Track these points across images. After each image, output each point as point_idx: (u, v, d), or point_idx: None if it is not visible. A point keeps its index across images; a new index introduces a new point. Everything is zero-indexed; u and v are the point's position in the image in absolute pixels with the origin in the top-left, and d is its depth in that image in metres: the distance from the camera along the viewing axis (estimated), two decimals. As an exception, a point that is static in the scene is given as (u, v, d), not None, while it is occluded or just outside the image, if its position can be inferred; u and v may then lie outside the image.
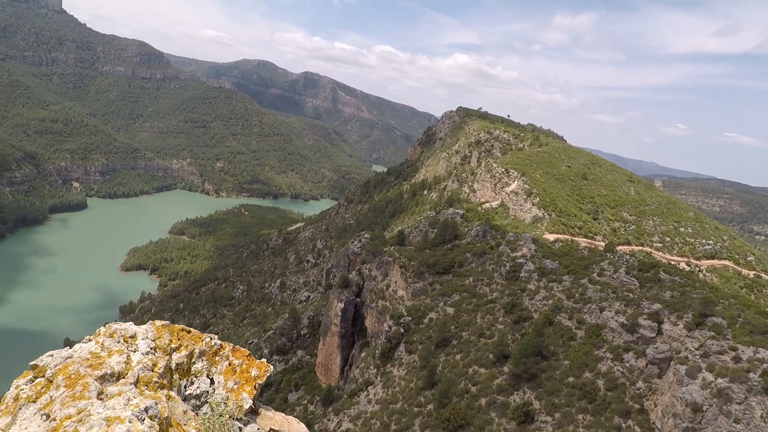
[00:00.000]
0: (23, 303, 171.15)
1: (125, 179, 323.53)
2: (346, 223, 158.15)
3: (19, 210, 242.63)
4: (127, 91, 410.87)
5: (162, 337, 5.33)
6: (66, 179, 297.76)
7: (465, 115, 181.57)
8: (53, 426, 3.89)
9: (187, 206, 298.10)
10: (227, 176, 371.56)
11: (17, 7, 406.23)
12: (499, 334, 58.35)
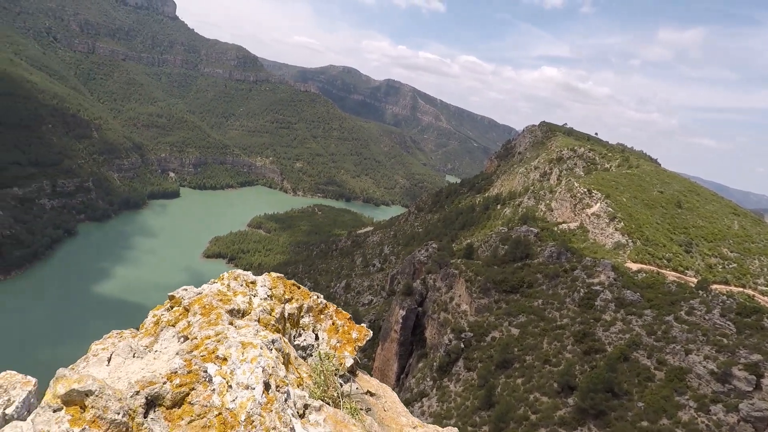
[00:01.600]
0: (125, 277, 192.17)
1: (214, 173, 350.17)
2: (414, 230, 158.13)
3: (125, 194, 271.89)
4: (222, 91, 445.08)
5: (277, 287, 5.76)
6: (164, 169, 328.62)
7: (548, 130, 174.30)
8: (195, 343, 4.41)
9: (266, 202, 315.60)
10: (305, 176, 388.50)
11: (140, 14, 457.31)
12: (566, 363, 54.83)
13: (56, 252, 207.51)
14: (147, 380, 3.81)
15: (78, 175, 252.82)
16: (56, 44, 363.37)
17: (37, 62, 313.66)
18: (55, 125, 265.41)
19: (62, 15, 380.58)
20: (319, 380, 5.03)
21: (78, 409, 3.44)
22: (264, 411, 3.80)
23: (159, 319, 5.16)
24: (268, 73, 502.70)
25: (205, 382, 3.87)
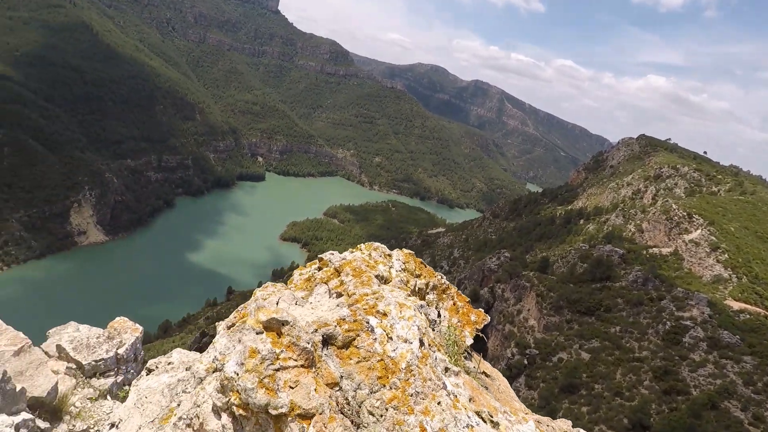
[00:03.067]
0: (215, 249, 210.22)
1: (298, 161, 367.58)
2: (487, 237, 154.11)
3: (218, 173, 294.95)
4: (313, 83, 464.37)
5: (409, 262, 6.13)
6: (254, 153, 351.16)
7: (647, 144, 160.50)
8: (355, 298, 4.90)
9: (342, 193, 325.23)
10: (382, 171, 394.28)
11: (246, 8, 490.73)
12: (641, 400, 50.47)
13: (156, 220, 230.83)
14: (322, 321, 4.45)
15: (180, 152, 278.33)
16: (173, 33, 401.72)
17: (156, 49, 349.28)
18: (166, 106, 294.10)
19: (181, 7, 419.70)
20: (451, 350, 5.32)
21: (275, 335, 4.14)
22: (420, 363, 4.23)
23: (311, 276, 5.75)
24: (357, 68, 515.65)
25: (367, 331, 4.40)
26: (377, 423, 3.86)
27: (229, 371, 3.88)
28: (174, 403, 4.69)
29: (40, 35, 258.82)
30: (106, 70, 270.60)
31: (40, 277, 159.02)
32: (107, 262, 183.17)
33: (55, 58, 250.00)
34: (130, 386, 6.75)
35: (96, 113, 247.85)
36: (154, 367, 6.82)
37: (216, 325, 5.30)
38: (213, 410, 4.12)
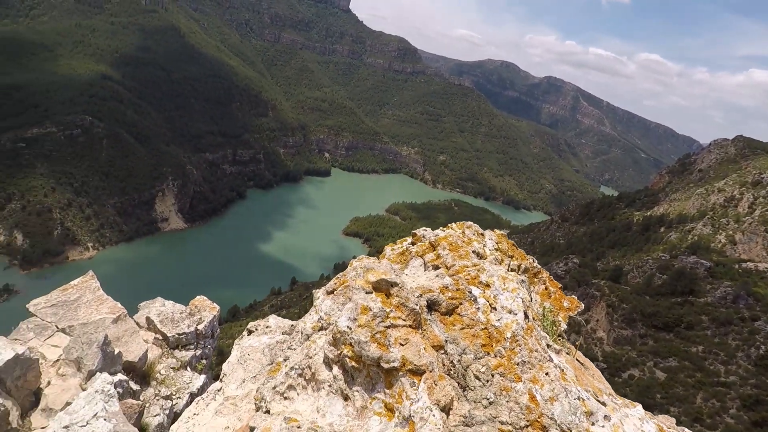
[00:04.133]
0: (283, 240, 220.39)
1: (363, 157, 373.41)
2: (555, 241, 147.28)
3: (287, 168, 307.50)
4: (380, 81, 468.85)
5: (502, 243, 6.25)
6: (321, 149, 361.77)
7: (745, 146, 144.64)
8: (455, 269, 5.04)
9: (405, 190, 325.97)
10: (446, 170, 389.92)
11: (318, 7, 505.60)
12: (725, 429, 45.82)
13: (229, 210, 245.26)
14: (426, 287, 4.64)
15: (253, 147, 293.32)
16: (251, 34, 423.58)
17: (235, 49, 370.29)
18: (242, 103, 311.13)
19: (258, 9, 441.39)
20: (549, 330, 5.29)
21: (383, 296, 4.34)
22: (526, 335, 4.32)
23: (405, 250, 5.97)
24: (424, 65, 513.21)
25: (470, 301, 4.55)
26: (484, 387, 3.99)
27: (342, 326, 4.14)
28: (280, 358, 5.22)
29: (136, 38, 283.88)
30: (191, 69, 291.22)
31: (129, 258, 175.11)
32: (185, 247, 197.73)
33: (148, 59, 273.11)
34: (234, 345, 7.33)
35: (180, 110, 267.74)
36: (254, 329, 7.47)
37: (314, 291, 5.81)
38: (324, 362, 4.41)
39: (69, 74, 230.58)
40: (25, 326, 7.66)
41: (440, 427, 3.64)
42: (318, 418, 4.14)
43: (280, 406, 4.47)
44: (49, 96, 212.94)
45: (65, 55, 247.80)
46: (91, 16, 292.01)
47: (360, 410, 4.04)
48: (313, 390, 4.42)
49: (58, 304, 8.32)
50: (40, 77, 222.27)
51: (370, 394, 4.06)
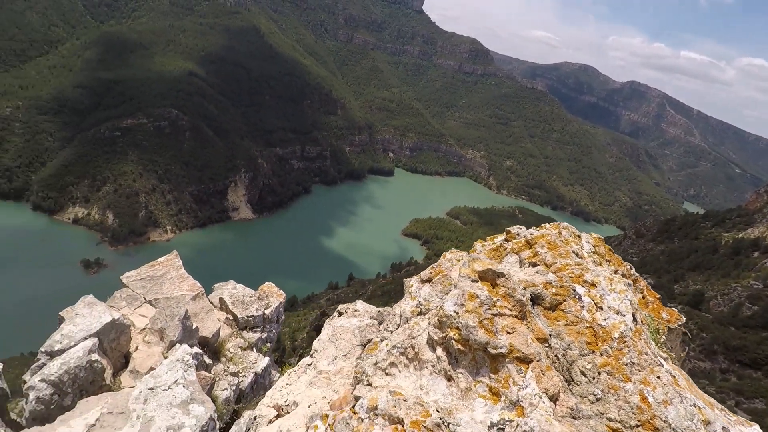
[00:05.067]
0: (345, 236, 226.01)
1: (426, 159, 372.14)
2: (628, 258, 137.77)
3: (351, 166, 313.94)
4: (450, 82, 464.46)
5: (599, 246, 6.18)
6: (385, 149, 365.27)
7: None
8: (557, 267, 5.10)
9: (468, 194, 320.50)
10: (513, 176, 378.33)
11: (392, 8, 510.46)
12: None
13: (295, 204, 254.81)
14: (530, 282, 4.78)
15: (320, 144, 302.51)
16: (325, 34, 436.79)
17: (309, 49, 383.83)
18: (313, 101, 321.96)
19: (334, 10, 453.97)
20: (653, 337, 5.17)
21: (489, 285, 4.47)
22: (634, 336, 4.30)
23: (500, 246, 6.08)
24: (496, 67, 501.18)
25: (574, 298, 4.62)
26: (590, 383, 4.06)
27: (448, 310, 4.29)
28: (376, 338, 5.58)
29: (221, 38, 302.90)
30: (268, 67, 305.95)
31: (202, 242, 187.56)
32: (252, 236, 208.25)
33: (230, 57, 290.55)
34: (325, 325, 8.01)
35: (256, 106, 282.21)
36: (344, 311, 8.02)
37: (405, 280, 6.26)
38: (427, 343, 4.58)
39: (161, 71, 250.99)
40: (119, 295, 8.50)
41: (551, 414, 3.75)
42: (422, 394, 4.30)
43: (382, 381, 4.73)
44: (143, 90, 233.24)
45: (159, 53, 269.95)
46: (182, 18, 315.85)
47: (464, 391, 4.17)
48: (415, 368, 4.62)
49: (146, 278, 9.12)
50: (137, 73, 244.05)
51: (475, 377, 4.19)
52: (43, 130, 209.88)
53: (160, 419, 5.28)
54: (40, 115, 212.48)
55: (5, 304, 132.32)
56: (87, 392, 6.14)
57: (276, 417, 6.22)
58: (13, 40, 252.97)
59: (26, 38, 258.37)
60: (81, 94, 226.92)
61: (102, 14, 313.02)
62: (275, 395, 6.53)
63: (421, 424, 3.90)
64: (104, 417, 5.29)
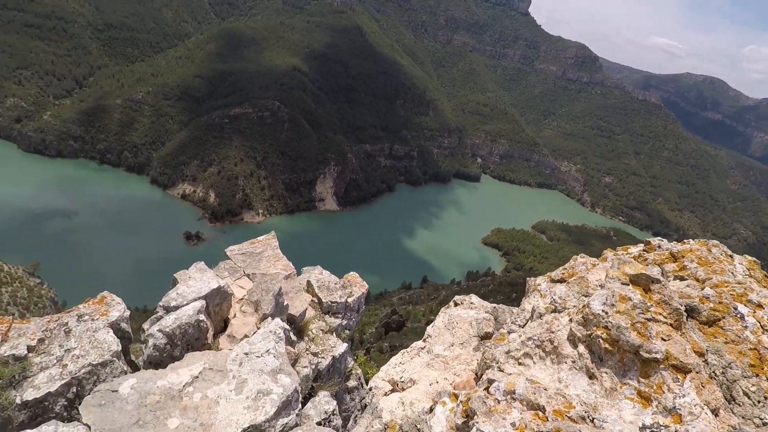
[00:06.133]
0: (426, 238, 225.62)
1: (516, 167, 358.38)
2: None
3: (437, 168, 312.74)
4: (550, 89, 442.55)
5: (755, 270, 5.87)
6: (474, 154, 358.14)
7: None
8: (713, 283, 5.03)
9: (557, 209, 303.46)
10: (611, 193, 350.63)
11: (496, 10, 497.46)
12: None
13: (378, 201, 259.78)
14: (685, 293, 4.77)
15: (408, 144, 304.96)
16: (425, 35, 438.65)
17: (408, 49, 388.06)
18: (406, 101, 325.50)
19: (436, 11, 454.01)
20: None
21: (641, 290, 4.42)
22: None
23: (638, 256, 6.10)
24: (604, 75, 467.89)
25: (735, 317, 4.51)
26: (755, 406, 3.96)
27: (596, 309, 4.33)
28: (503, 329, 5.79)
29: (325, 36, 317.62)
30: (366, 66, 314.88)
31: (289, 228, 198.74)
32: (335, 227, 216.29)
33: (332, 55, 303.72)
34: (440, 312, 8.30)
35: (351, 102, 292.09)
36: (460, 303, 8.36)
37: (530, 279, 6.54)
38: (568, 339, 4.68)
39: (269, 65, 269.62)
40: (222, 266, 9.36)
41: (714, 426, 3.66)
42: (561, 387, 4.37)
43: (515, 369, 4.88)
44: (251, 82, 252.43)
45: (268, 48, 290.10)
46: (292, 16, 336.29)
47: (609, 390, 4.16)
48: (552, 362, 4.70)
49: (246, 253, 9.93)
50: (248, 66, 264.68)
51: (621, 378, 4.16)
52: (166, 113, 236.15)
53: (252, 382, 5.76)
54: (165, 100, 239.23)
55: (127, 261, 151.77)
56: (192, 347, 6.87)
57: (391, 391, 6.68)
58: (150, 33, 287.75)
59: (160, 32, 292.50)
60: (199, 83, 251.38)
61: (224, 11, 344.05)
62: (390, 371, 7.02)
63: (564, 414, 3.95)
64: (206, 371, 5.88)
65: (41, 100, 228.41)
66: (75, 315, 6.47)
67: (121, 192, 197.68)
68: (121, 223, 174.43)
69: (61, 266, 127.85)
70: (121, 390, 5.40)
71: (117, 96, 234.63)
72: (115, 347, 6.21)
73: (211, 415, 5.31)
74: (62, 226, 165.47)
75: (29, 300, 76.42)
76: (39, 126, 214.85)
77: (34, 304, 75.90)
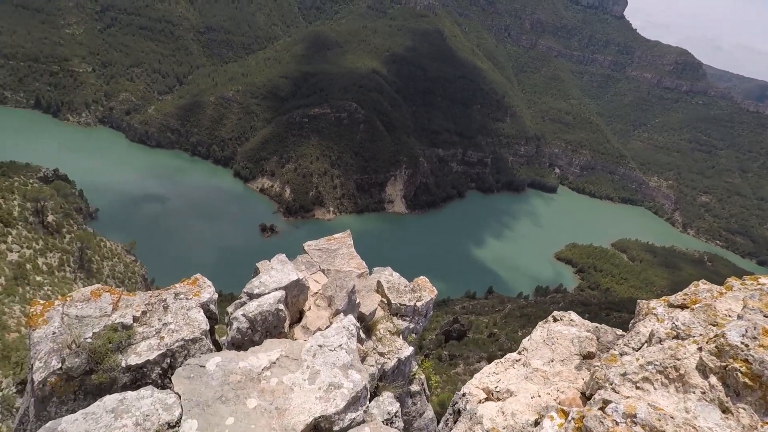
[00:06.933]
0: (496, 249, 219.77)
1: (597, 180, 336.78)
2: None
3: (511, 176, 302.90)
4: (642, 98, 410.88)
5: None
6: (552, 164, 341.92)
7: None
8: None
9: (642, 227, 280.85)
10: (707, 214, 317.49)
11: (587, 13, 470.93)
12: None
13: (447, 206, 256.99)
14: None
15: (482, 150, 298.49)
16: (507, 39, 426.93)
17: (488, 53, 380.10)
18: (482, 106, 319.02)
19: (521, 14, 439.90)
20: None
21: None
22: None
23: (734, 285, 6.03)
24: (708, 83, 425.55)
25: None
26: None
27: (733, 340, 4.22)
28: (614, 350, 5.79)
29: (406, 39, 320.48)
30: (444, 69, 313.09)
31: (358, 227, 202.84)
32: (403, 230, 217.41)
33: (411, 58, 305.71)
34: (538, 326, 8.37)
35: (426, 105, 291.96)
36: (559, 318, 8.35)
37: (642, 301, 6.62)
38: (697, 368, 4.57)
39: (350, 67, 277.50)
40: (300, 259, 9.82)
41: None
42: (689, 417, 4.25)
43: (632, 393, 4.81)
44: (331, 83, 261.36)
45: (350, 51, 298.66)
46: (375, 20, 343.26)
47: (747, 428, 4.02)
48: (677, 390, 4.60)
49: (322, 249, 10.32)
50: (329, 68, 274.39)
51: (762, 417, 4.00)
52: (252, 111, 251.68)
53: (324, 374, 5.99)
54: (252, 99, 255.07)
55: (208, 247, 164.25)
56: (270, 334, 7.29)
57: (485, 399, 6.84)
58: (244, 36, 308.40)
59: (253, 35, 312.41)
60: (284, 83, 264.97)
61: (311, 15, 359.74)
62: (484, 379, 7.18)
63: None
64: (282, 358, 6.21)
65: (147, 95, 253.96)
66: (172, 293, 7.13)
67: (207, 182, 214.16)
68: (205, 211, 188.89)
69: (153, 246, 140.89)
70: (207, 366, 5.85)
71: (211, 93, 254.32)
72: (204, 326, 6.75)
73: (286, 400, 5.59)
74: (156, 210, 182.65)
75: (124, 275, 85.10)
76: (144, 119, 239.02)
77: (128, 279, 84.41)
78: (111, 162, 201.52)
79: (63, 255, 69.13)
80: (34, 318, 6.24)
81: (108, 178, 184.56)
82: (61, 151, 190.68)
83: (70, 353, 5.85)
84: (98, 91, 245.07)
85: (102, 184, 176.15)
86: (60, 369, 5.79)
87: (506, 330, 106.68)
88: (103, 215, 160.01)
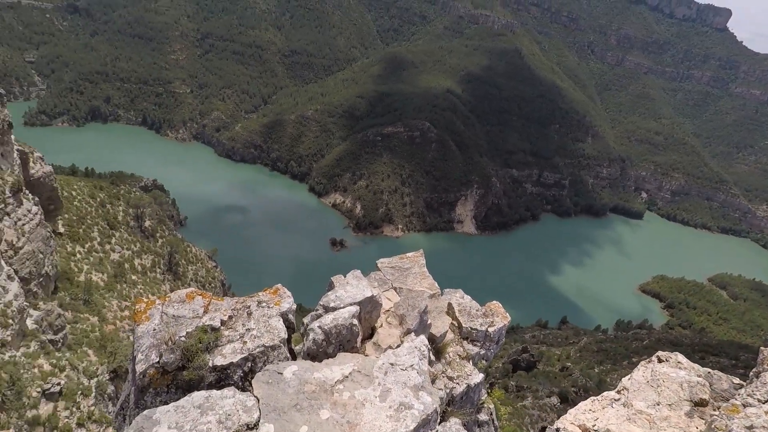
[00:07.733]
0: (572, 277, 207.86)
1: (692, 206, 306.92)
2: None
3: (591, 200, 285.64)
4: (748, 117, 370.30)
5: None
6: (638, 188, 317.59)
7: None
8: None
9: (748, 262, 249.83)
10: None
11: (682, 27, 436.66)
12: None
13: (519, 229, 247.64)
14: None
15: (560, 171, 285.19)
16: (590, 56, 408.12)
17: (570, 71, 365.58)
18: (561, 125, 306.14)
19: (606, 30, 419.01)
20: None
21: None
22: None
23: None
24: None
25: None
26: None
27: None
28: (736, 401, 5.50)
29: (482, 58, 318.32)
30: (521, 88, 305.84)
31: (426, 246, 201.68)
32: (472, 251, 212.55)
33: (486, 77, 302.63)
34: (640, 366, 8.01)
35: (501, 125, 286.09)
36: (664, 359, 8.10)
37: (763, 349, 6.15)
38: None
39: (425, 87, 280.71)
40: (373, 276, 9.97)
41: None
42: None
43: None
44: (406, 103, 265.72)
45: (426, 71, 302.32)
46: (451, 40, 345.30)
47: None
48: None
49: (395, 267, 10.41)
50: (404, 88, 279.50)
51: None
52: (329, 129, 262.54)
53: (395, 393, 5.99)
54: (329, 118, 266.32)
55: (283, 257, 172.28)
56: (343, 348, 7.46)
57: None
58: (325, 58, 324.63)
59: (333, 57, 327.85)
60: (360, 103, 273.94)
61: (389, 38, 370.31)
62: (580, 416, 7.12)
63: None
64: (354, 373, 6.31)
65: (236, 113, 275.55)
66: (256, 300, 7.58)
67: (284, 196, 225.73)
68: (281, 223, 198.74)
69: (232, 254, 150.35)
70: (285, 374, 6.11)
71: (291, 112, 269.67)
72: (283, 334, 7.08)
73: (357, 415, 5.66)
74: (238, 219, 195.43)
75: (206, 279, 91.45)
76: (231, 135, 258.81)
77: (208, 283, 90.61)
78: (201, 174, 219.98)
79: (155, 257, 76.05)
80: (138, 314, 6.93)
81: (197, 189, 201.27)
82: (160, 163, 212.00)
83: (167, 349, 6.41)
84: (194, 110, 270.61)
85: (192, 194, 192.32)
86: (158, 362, 6.37)
87: (581, 365, 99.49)
88: (191, 222, 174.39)
